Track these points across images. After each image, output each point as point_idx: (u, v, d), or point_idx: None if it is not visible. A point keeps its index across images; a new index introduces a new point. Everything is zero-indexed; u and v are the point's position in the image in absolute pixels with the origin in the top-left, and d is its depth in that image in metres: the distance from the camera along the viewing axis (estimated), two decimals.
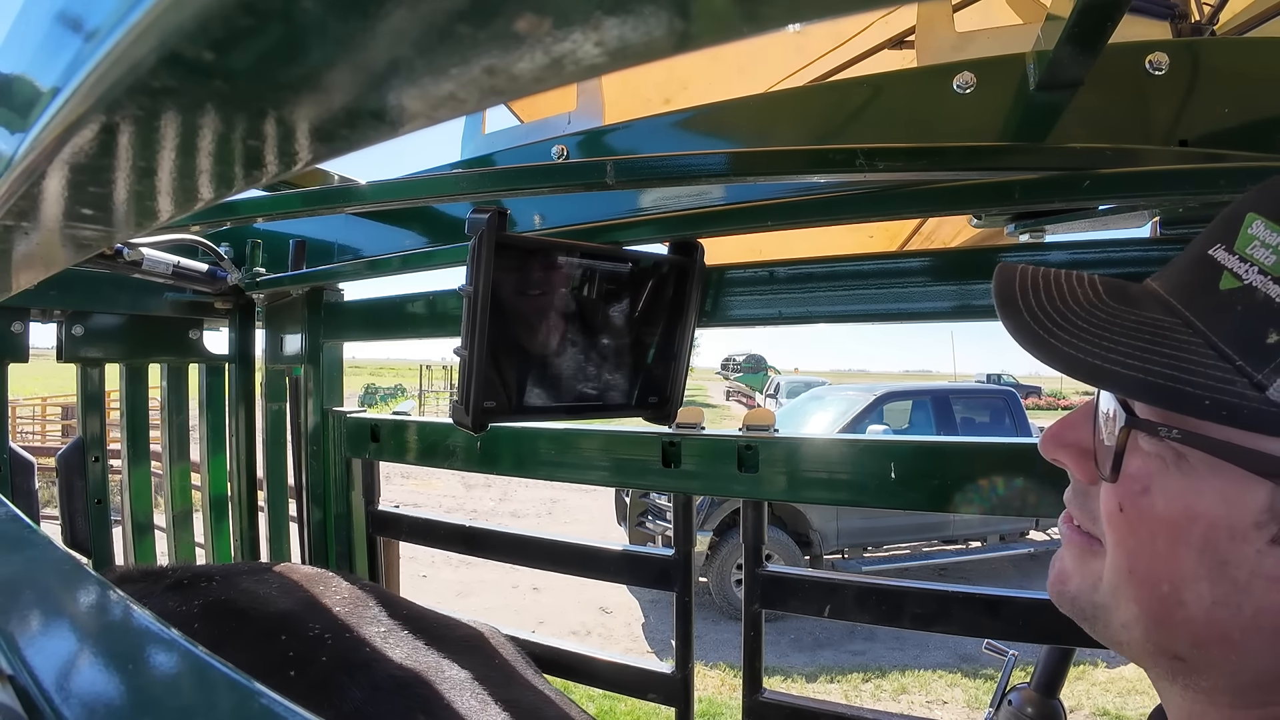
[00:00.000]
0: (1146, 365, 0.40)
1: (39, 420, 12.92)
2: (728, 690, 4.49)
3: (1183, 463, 0.41)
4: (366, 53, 0.16)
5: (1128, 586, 0.44)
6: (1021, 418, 7.29)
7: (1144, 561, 0.42)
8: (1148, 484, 0.42)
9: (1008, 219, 0.87)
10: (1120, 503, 0.43)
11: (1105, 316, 0.44)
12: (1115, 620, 0.45)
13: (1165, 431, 0.40)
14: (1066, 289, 0.47)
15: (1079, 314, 0.45)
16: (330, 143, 0.22)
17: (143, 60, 0.17)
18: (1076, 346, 0.43)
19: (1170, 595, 0.41)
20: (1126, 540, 0.43)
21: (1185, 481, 0.41)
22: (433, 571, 6.42)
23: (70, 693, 0.29)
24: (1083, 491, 0.48)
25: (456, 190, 0.88)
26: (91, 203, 0.33)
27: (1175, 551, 0.41)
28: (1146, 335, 0.41)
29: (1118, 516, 0.43)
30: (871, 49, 1.96)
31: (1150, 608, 0.43)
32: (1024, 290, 0.48)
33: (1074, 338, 0.43)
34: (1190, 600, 0.41)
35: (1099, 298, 0.46)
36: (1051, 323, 0.45)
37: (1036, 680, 1.16)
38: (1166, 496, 0.41)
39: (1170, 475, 0.41)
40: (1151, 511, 0.42)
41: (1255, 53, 0.78)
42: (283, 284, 1.35)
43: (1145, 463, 0.42)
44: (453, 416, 0.83)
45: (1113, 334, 0.42)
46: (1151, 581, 0.42)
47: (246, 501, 1.58)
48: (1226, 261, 0.41)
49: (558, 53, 0.15)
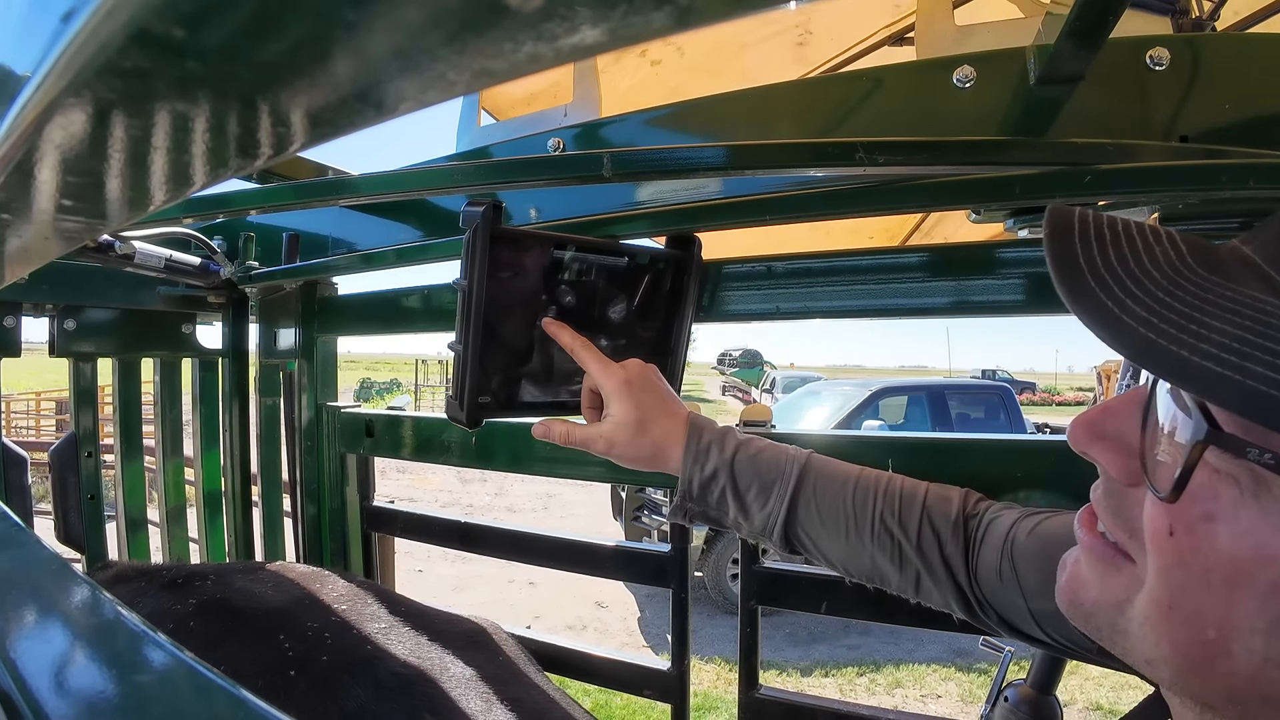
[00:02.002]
0: (1245, 364, 0.30)
1: (33, 415, 12.87)
2: (723, 685, 4.50)
3: (1263, 492, 0.33)
4: (347, 30, 0.15)
5: (1163, 624, 0.36)
6: (1016, 413, 7.32)
7: (1191, 599, 0.35)
8: (1213, 510, 0.34)
9: (1007, 214, 0.87)
10: (1172, 525, 0.35)
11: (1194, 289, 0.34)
12: (1138, 653, 0.39)
13: (1256, 455, 0.31)
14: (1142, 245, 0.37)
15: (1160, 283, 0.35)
16: (315, 127, 0.21)
17: (111, 39, 0.16)
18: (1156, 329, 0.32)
19: (1215, 643, 0.34)
20: (1173, 571, 0.35)
21: (1263, 517, 0.33)
22: (428, 566, 6.42)
23: (52, 695, 0.28)
24: (1118, 494, 0.40)
25: (451, 183, 0.87)
26: (73, 192, 0.32)
27: (1233, 595, 0.33)
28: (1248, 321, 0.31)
29: (1166, 541, 0.35)
30: (872, 45, 1.95)
31: (1188, 653, 0.36)
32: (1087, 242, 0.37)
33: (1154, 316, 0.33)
34: (1239, 653, 0.34)
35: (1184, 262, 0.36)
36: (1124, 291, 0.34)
37: (1032, 677, 1.16)
38: (1235, 530, 0.33)
39: (1245, 505, 0.33)
40: (1212, 544, 0.34)
41: (1256, 49, 0.77)
42: (276, 278, 1.34)
43: (1213, 483, 0.34)
44: (447, 412, 0.82)
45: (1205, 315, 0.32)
46: (1195, 624, 0.35)
47: (240, 497, 1.57)
48: None
49: (551, 30, 0.14)
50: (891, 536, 0.73)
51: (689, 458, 0.77)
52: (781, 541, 0.76)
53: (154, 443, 1.54)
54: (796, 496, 0.75)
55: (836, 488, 0.76)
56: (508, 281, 0.79)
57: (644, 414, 0.79)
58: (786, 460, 0.77)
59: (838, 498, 0.75)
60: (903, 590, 0.74)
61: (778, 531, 0.75)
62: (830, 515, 0.74)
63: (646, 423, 0.79)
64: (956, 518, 0.73)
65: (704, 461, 0.77)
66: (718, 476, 0.76)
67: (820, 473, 0.77)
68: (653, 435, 0.79)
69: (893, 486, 0.75)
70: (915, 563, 0.72)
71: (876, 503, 0.74)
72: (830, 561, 0.77)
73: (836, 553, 0.75)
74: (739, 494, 0.76)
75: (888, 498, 0.74)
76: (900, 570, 0.73)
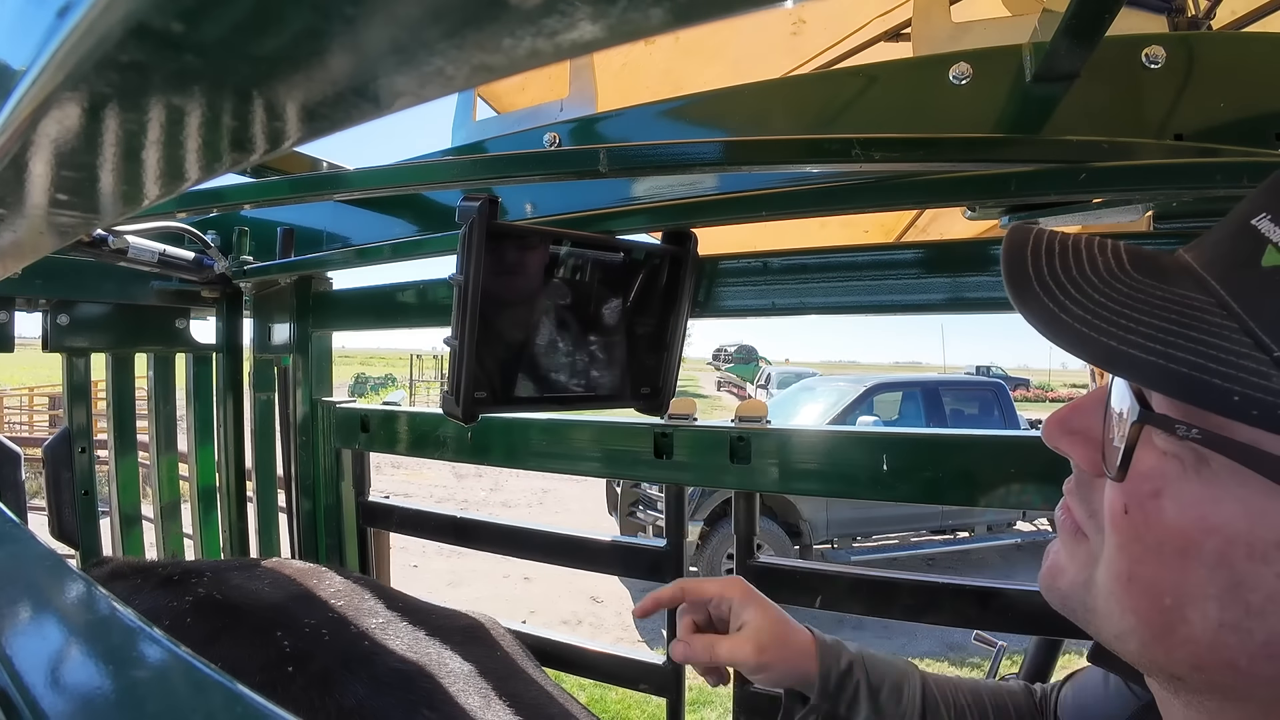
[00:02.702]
0: (1169, 350, 0.34)
1: (26, 410, 12.80)
2: None
3: (1203, 467, 0.36)
4: (345, 24, 0.15)
5: (1125, 595, 0.39)
6: (1010, 409, 7.35)
7: (1147, 570, 0.38)
8: (1160, 486, 0.37)
9: (1002, 211, 0.87)
10: (1126, 503, 0.39)
11: (1127, 291, 0.38)
12: (1108, 629, 0.41)
13: (1184, 430, 0.35)
14: (1086, 257, 0.41)
15: (1097, 286, 0.39)
16: (311, 122, 0.21)
17: (110, 33, 0.16)
18: (1090, 324, 0.37)
19: (1172, 610, 0.37)
20: (1130, 546, 0.39)
21: (1204, 489, 0.36)
22: (424, 562, 6.42)
23: (48, 692, 0.28)
24: (1086, 484, 0.44)
25: (447, 178, 0.87)
26: (67, 187, 0.32)
27: (1184, 564, 0.36)
28: (1173, 315, 0.36)
29: (1122, 518, 0.39)
30: (868, 41, 1.95)
31: (1149, 620, 0.38)
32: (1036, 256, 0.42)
33: (1089, 314, 0.37)
34: (1194, 619, 0.36)
35: (1122, 269, 0.40)
36: (1065, 295, 0.39)
37: (1025, 671, 1.17)
38: (1180, 503, 0.36)
39: (1187, 480, 0.36)
40: (1161, 518, 0.37)
41: (1251, 48, 0.77)
42: (271, 272, 1.33)
43: (1160, 462, 0.37)
44: (443, 407, 0.82)
45: (1135, 311, 0.37)
46: (1153, 593, 0.38)
47: (235, 492, 1.56)
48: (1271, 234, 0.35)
49: (551, 26, 0.14)
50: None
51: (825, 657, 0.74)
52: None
53: (148, 438, 1.53)
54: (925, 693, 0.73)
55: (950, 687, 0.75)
56: (504, 276, 0.79)
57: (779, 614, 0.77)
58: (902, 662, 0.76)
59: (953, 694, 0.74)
60: None
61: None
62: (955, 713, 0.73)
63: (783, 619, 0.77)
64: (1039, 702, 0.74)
65: (839, 655, 0.74)
66: (853, 671, 0.74)
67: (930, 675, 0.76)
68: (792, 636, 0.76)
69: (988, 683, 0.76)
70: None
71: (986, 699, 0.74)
72: None
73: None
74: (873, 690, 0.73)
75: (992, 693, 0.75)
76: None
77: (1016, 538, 6.94)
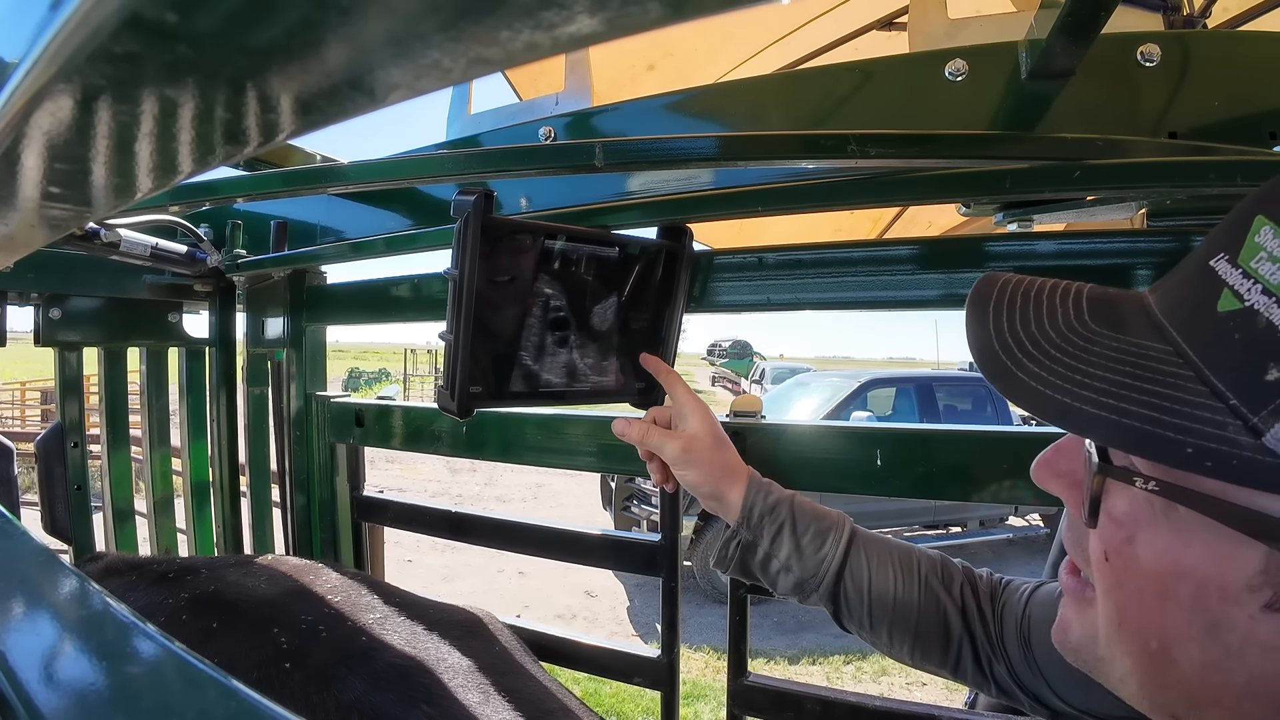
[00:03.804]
0: (1121, 405, 0.34)
1: (18, 405, 12.71)
2: (712, 673, 4.54)
3: (1172, 512, 0.36)
4: (341, 15, 0.15)
5: (1118, 640, 0.40)
6: (1003, 406, 7.38)
7: (1133, 615, 0.38)
8: (1132, 533, 0.38)
9: (996, 208, 0.87)
10: (1106, 550, 0.39)
11: (1083, 344, 0.38)
12: (1113, 673, 0.42)
13: (1142, 483, 0.36)
14: (1046, 309, 0.41)
15: (1054, 341, 0.39)
16: (307, 115, 0.21)
17: (103, 24, 0.16)
18: (1045, 381, 0.37)
19: (1160, 653, 0.37)
20: (1115, 592, 0.39)
21: (1173, 534, 0.36)
22: (418, 556, 6.42)
23: (42, 688, 0.28)
24: (1077, 528, 0.43)
25: (441, 171, 0.86)
26: (60, 180, 0.32)
27: (1164, 608, 0.36)
28: (1128, 367, 0.36)
29: (1104, 565, 0.39)
30: (860, 29, 1.95)
31: (1141, 664, 0.39)
32: (999, 311, 0.42)
33: (1044, 370, 0.38)
34: (1181, 660, 0.37)
35: (1080, 319, 0.40)
36: (1022, 352, 0.39)
37: None
38: (1153, 549, 0.37)
39: (1158, 525, 0.37)
40: (1136, 564, 0.37)
41: (1246, 47, 0.78)
42: (264, 266, 1.33)
43: (1131, 508, 0.38)
44: (438, 402, 0.82)
45: (1089, 365, 0.37)
46: (1141, 637, 0.38)
47: (229, 487, 1.56)
48: (1228, 276, 0.34)
49: (548, 19, 0.14)
50: (938, 601, 0.73)
51: (753, 487, 0.79)
52: (829, 593, 0.76)
53: (141, 433, 1.52)
54: (851, 544, 0.76)
55: (882, 546, 0.77)
56: (499, 271, 0.79)
57: (720, 437, 0.83)
58: (837, 515, 0.79)
59: (885, 556, 0.76)
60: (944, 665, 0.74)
61: (828, 580, 0.75)
62: (880, 571, 0.74)
63: (723, 444, 0.82)
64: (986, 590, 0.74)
65: (766, 492, 0.79)
66: (779, 510, 0.78)
67: (864, 533, 0.78)
68: (726, 457, 0.81)
69: (930, 553, 0.77)
70: (959, 631, 0.72)
71: (921, 566, 0.75)
72: (872, 621, 0.75)
73: (883, 609, 0.74)
74: (796, 533, 0.77)
75: (929, 561, 0.76)
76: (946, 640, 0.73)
77: (1008, 533, 6.99)
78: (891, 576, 0.74)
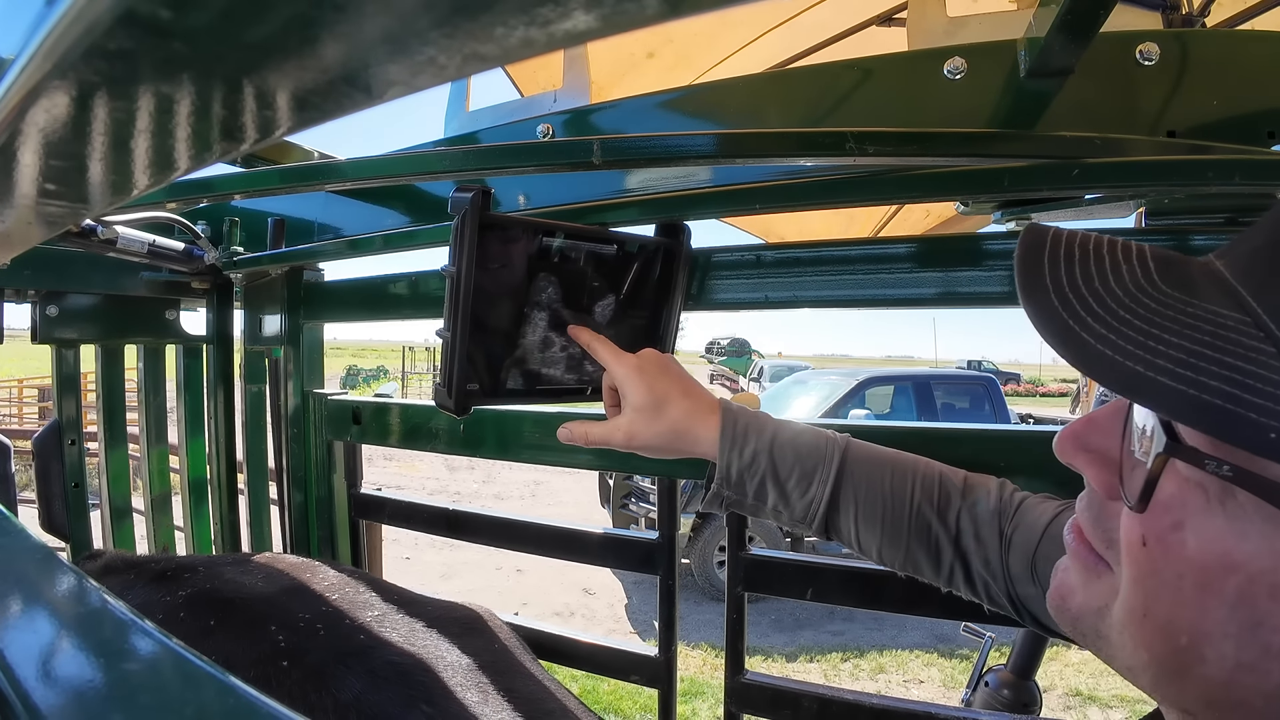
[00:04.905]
0: (1200, 378, 0.31)
1: (16, 403, 12.69)
2: (709, 670, 4.55)
3: (1229, 500, 0.33)
4: (336, 11, 0.15)
5: (1140, 631, 0.37)
6: (1001, 404, 7.40)
7: (1164, 607, 0.36)
8: (1182, 519, 0.35)
9: (994, 206, 0.87)
10: (1144, 535, 0.36)
11: (1154, 306, 0.34)
12: (1120, 660, 0.40)
13: (1214, 466, 0.32)
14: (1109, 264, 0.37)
15: (1121, 300, 0.35)
16: (302, 111, 0.21)
17: (98, 20, 0.16)
18: (1113, 345, 0.33)
19: (1189, 649, 0.35)
20: (1146, 579, 0.36)
21: (1228, 523, 0.33)
22: (416, 554, 6.42)
23: (40, 685, 0.28)
24: (1099, 505, 0.41)
25: (439, 168, 0.86)
26: (56, 176, 0.32)
27: (1202, 601, 0.34)
28: (1205, 336, 0.32)
29: (1140, 550, 0.36)
30: (859, 24, 1.95)
31: (1163, 659, 0.36)
32: (1055, 261, 0.38)
33: (1111, 333, 0.34)
34: (1211, 658, 0.34)
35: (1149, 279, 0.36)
36: (1085, 309, 0.35)
37: (1013, 662, 1.18)
38: (1202, 538, 0.34)
39: (1211, 513, 0.34)
40: (1182, 551, 0.34)
41: (1245, 46, 0.78)
42: (261, 263, 1.32)
43: (1182, 492, 0.35)
44: (436, 399, 0.82)
45: (1162, 331, 0.33)
46: (1169, 631, 0.36)
47: (226, 485, 1.56)
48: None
49: (544, 15, 0.14)
50: (929, 529, 0.71)
51: (726, 442, 0.74)
52: (821, 531, 0.74)
53: (138, 430, 1.52)
54: (839, 483, 0.72)
55: (875, 474, 0.73)
56: (496, 268, 0.79)
57: (659, 396, 0.76)
58: (827, 444, 0.74)
59: (876, 486, 0.72)
60: (936, 581, 0.73)
61: (818, 521, 0.72)
62: (869, 504, 0.72)
63: (663, 405, 0.76)
64: (993, 512, 0.70)
65: (742, 446, 0.73)
66: (757, 461, 0.73)
67: (859, 459, 0.74)
68: (671, 416, 0.75)
69: (930, 475, 0.73)
70: (950, 556, 0.70)
71: (915, 493, 0.72)
72: (865, 550, 0.74)
73: (872, 541, 0.73)
74: (779, 481, 0.73)
75: (925, 487, 0.72)
76: (937, 562, 0.71)
77: None
78: (880, 508, 0.72)
